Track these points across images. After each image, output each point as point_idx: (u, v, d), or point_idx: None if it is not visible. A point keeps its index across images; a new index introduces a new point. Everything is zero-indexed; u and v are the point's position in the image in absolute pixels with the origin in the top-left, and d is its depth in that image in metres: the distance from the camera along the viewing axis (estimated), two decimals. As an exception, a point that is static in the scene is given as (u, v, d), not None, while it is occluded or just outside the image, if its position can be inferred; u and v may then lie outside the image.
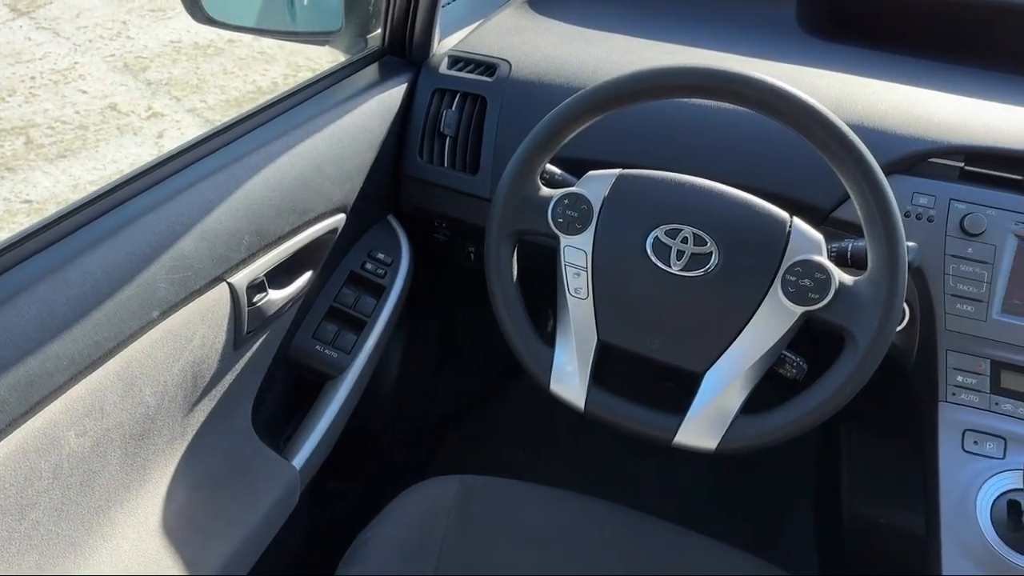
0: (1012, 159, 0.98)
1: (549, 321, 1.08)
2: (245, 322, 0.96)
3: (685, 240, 0.89)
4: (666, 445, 0.91)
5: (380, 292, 1.18)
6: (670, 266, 0.89)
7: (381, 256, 1.20)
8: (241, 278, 0.94)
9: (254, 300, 0.97)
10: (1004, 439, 0.93)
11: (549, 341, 0.95)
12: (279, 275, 1.02)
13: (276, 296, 1.01)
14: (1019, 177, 0.98)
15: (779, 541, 1.61)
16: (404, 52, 1.24)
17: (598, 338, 0.92)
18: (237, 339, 0.97)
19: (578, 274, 0.93)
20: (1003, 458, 0.92)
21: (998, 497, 0.90)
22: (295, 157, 1.01)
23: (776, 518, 1.65)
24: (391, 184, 1.23)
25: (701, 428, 0.89)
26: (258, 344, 1.02)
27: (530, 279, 1.00)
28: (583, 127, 0.91)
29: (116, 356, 0.81)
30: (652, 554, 0.99)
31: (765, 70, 0.85)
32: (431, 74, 1.22)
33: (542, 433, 1.78)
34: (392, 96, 1.18)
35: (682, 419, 0.89)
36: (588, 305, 0.93)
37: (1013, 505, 0.88)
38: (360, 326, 1.16)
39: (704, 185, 0.91)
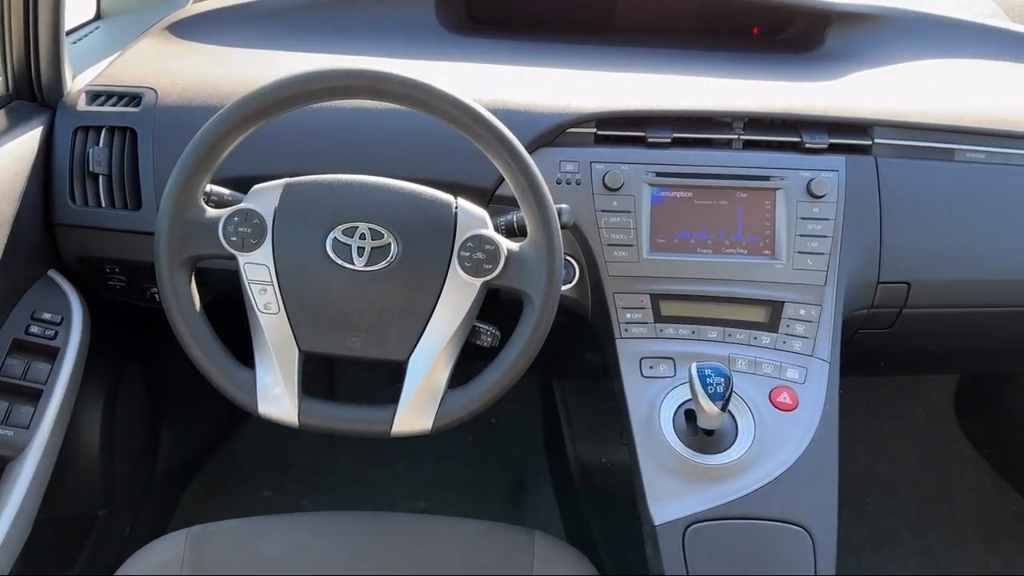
0: (634, 119, 1.12)
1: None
2: None
3: (363, 236, 0.91)
4: (386, 436, 0.92)
5: (54, 355, 1.08)
6: (353, 264, 0.91)
7: (47, 316, 1.09)
8: None
9: None
10: (673, 359, 1.06)
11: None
12: None
13: None
14: (642, 134, 1.12)
15: (526, 504, 1.71)
16: (34, 94, 1.14)
17: (299, 349, 0.92)
18: None
19: (264, 289, 0.91)
20: (674, 376, 1.05)
21: (676, 410, 1.03)
22: None
23: (520, 485, 1.75)
24: (43, 236, 1.13)
25: (415, 412, 0.92)
26: None
27: (229, 306, 0.97)
28: (237, 142, 0.90)
29: None
30: (395, 546, 1.01)
31: (413, 69, 0.89)
32: (69, 113, 1.13)
33: (287, 464, 1.73)
34: (25, 142, 1.08)
35: (395, 409, 0.92)
36: (281, 318, 0.92)
37: (689, 413, 1.02)
38: (36, 396, 1.05)
39: (370, 181, 0.94)
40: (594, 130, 1.12)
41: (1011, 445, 1.82)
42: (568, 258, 1.11)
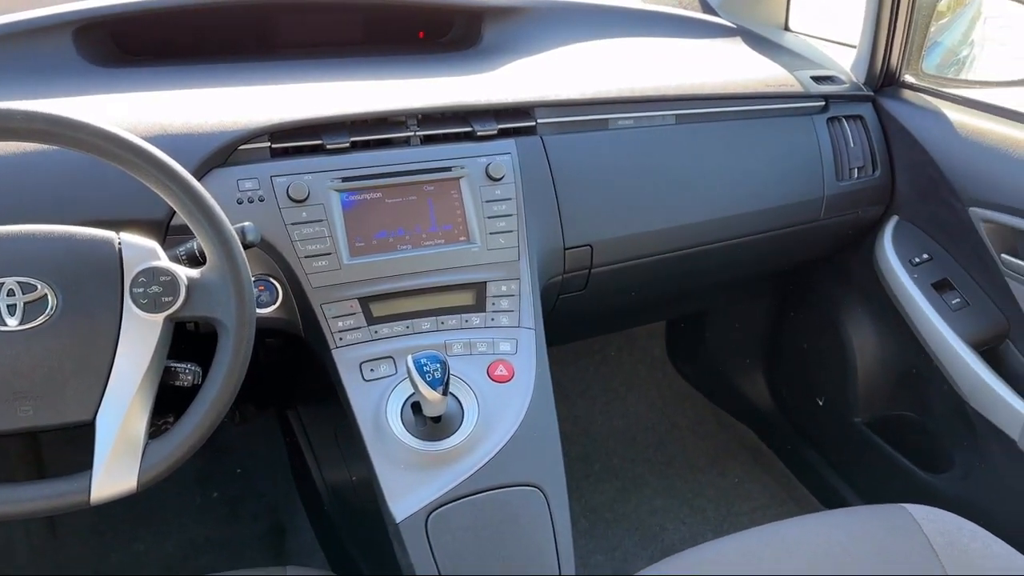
0: (310, 128, 1.11)
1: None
2: None
3: (11, 293, 0.81)
4: (86, 506, 0.83)
5: None
6: (6, 324, 0.81)
7: None
8: None
9: None
10: (392, 357, 1.06)
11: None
12: None
13: None
14: (319, 141, 1.11)
15: (288, 549, 1.63)
16: None
17: None
18: None
19: None
20: (395, 373, 1.05)
21: (403, 405, 1.03)
22: None
23: (279, 531, 1.67)
24: None
25: (114, 473, 0.83)
26: None
27: None
28: None
29: None
30: None
31: (51, 106, 0.81)
32: None
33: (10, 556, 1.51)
34: None
35: (91, 474, 0.83)
36: None
37: (415, 405, 1.02)
38: None
39: (10, 231, 0.84)
40: (268, 144, 1.09)
41: (714, 375, 2.05)
42: (267, 279, 1.07)
